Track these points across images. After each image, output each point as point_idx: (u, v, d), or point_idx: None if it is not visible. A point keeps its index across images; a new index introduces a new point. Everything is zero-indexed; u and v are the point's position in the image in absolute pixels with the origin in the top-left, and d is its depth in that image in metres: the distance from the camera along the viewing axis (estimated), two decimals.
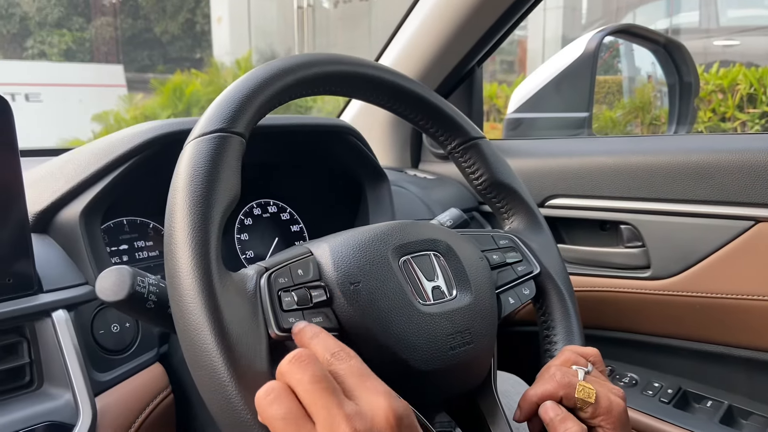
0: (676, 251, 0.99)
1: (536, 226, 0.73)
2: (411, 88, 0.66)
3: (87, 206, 0.69)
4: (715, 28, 7.10)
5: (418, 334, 0.52)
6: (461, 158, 0.71)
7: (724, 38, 6.60)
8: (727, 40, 6.46)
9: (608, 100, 3.53)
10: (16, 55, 11.69)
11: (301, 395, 0.40)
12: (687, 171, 0.97)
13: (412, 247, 0.57)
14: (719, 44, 6.58)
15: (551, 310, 0.69)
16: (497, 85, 6.93)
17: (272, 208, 0.99)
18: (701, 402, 1.01)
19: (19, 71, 9.58)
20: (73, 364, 0.60)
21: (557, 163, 1.13)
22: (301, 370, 0.41)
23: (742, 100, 4.10)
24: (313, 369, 0.41)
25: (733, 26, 6.91)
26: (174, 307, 0.46)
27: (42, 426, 0.58)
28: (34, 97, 8.41)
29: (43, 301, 0.62)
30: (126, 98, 8.50)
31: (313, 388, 0.40)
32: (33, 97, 8.40)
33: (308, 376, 0.40)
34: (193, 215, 0.46)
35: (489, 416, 0.59)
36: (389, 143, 1.40)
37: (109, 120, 7.03)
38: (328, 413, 0.39)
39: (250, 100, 0.53)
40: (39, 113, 8.11)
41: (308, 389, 0.40)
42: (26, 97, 8.27)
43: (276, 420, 0.39)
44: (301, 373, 0.41)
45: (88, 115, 7.32)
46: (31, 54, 11.61)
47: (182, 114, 6.67)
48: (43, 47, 11.66)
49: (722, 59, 4.74)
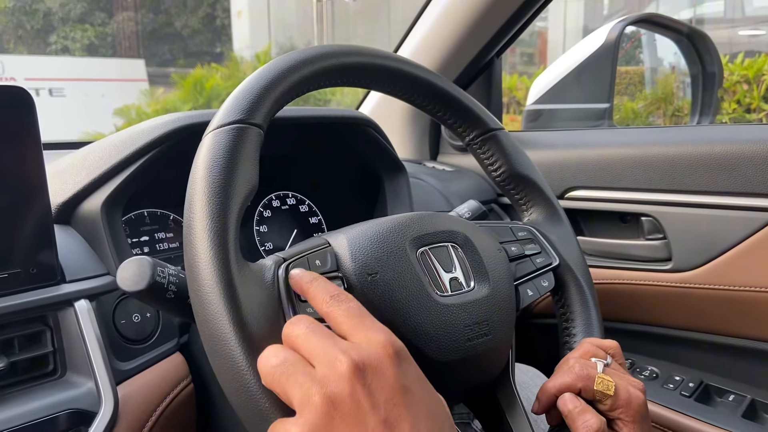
0: (698, 243, 0.97)
1: (555, 217, 0.72)
2: (429, 79, 0.66)
3: (108, 197, 0.70)
4: (740, 17, 6.97)
5: (435, 325, 0.52)
6: (480, 150, 0.71)
7: (750, 28, 6.48)
8: (753, 30, 6.34)
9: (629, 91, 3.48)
10: (40, 51, 11.87)
11: (298, 346, 0.42)
12: (710, 162, 0.95)
13: (430, 239, 0.57)
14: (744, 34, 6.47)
15: (570, 302, 0.68)
16: (517, 76, 6.89)
17: (291, 200, 1.00)
18: (723, 396, 1.00)
19: (43, 66, 9.73)
20: (95, 352, 0.61)
21: (577, 154, 1.12)
22: (296, 326, 0.42)
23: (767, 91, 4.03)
24: (306, 321, 0.43)
25: (759, 16, 6.78)
26: (193, 297, 0.46)
27: (65, 413, 0.58)
28: (57, 91, 8.53)
29: (66, 291, 0.63)
30: (147, 92, 8.60)
31: (308, 335, 0.41)
32: (56, 91, 8.53)
33: (303, 328, 0.42)
34: (212, 206, 0.47)
35: (507, 408, 0.59)
36: (407, 135, 1.40)
37: (131, 114, 7.12)
38: (324, 351, 0.40)
39: (268, 92, 0.53)
40: (62, 108, 8.23)
41: (304, 338, 0.41)
42: (50, 92, 8.40)
43: (275, 368, 0.40)
44: (296, 329, 0.42)
45: (110, 110, 7.42)
46: (54, 49, 11.78)
47: (203, 108, 6.74)
48: (66, 42, 11.82)
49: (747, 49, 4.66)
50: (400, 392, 0.39)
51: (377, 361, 0.40)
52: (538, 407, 0.58)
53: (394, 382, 0.40)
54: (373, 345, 0.41)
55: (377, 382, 0.39)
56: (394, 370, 0.40)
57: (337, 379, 0.38)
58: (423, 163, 1.33)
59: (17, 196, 0.59)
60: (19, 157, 0.59)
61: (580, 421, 0.53)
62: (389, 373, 0.40)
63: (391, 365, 0.40)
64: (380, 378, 0.39)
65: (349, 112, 0.93)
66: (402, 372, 0.41)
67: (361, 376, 0.39)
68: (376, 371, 0.39)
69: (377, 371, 0.39)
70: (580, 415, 0.53)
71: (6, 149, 0.58)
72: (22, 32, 11.82)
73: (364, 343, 0.41)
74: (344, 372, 0.38)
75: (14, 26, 11.65)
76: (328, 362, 0.39)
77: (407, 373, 0.41)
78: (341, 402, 0.38)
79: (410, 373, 0.42)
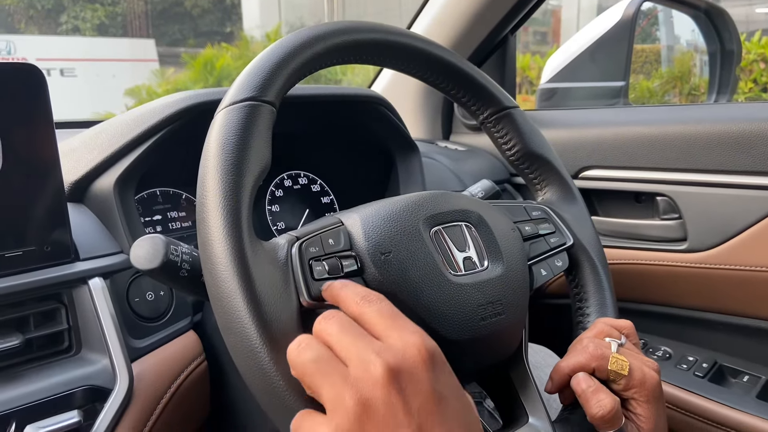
0: (714, 223, 0.96)
1: (570, 197, 0.72)
2: (443, 56, 0.65)
3: (121, 176, 0.70)
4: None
5: (449, 305, 0.52)
6: (494, 128, 0.70)
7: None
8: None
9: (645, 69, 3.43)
10: (51, 31, 11.86)
11: (331, 343, 0.41)
12: (727, 141, 0.94)
13: (444, 218, 0.56)
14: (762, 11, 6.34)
15: (584, 282, 0.68)
16: (530, 56, 6.80)
17: (303, 180, 0.99)
18: (737, 377, 0.99)
19: (54, 47, 9.73)
20: (109, 330, 0.61)
21: (592, 133, 1.11)
22: (329, 323, 0.42)
23: None
24: (340, 319, 0.42)
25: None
26: (206, 275, 0.46)
27: (80, 390, 0.59)
28: (68, 72, 8.54)
29: (80, 269, 0.63)
30: (158, 72, 8.59)
31: (341, 334, 0.41)
32: (68, 72, 8.53)
33: (336, 326, 0.41)
34: (225, 183, 0.46)
35: (520, 387, 0.59)
36: (420, 115, 1.39)
37: (142, 94, 7.12)
38: (357, 352, 0.39)
39: (280, 69, 0.52)
40: (74, 88, 8.25)
41: (337, 336, 0.41)
42: (61, 72, 8.41)
43: (308, 363, 0.40)
44: (329, 326, 0.41)
45: (121, 90, 7.42)
46: (65, 29, 11.76)
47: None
48: (76, 22, 11.80)
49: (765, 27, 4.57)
50: (434, 399, 0.39)
51: (412, 365, 0.39)
52: (551, 386, 0.58)
53: (429, 388, 0.39)
54: (408, 347, 0.40)
55: (411, 388, 0.38)
56: (429, 375, 0.39)
57: (371, 383, 0.38)
58: (435, 143, 1.32)
59: (30, 174, 0.59)
60: (31, 135, 0.59)
61: (593, 401, 0.53)
62: (424, 379, 0.39)
63: (426, 370, 0.39)
64: (415, 383, 0.38)
65: (362, 91, 0.92)
66: (436, 377, 0.40)
67: (395, 381, 0.38)
68: (411, 376, 0.38)
69: (412, 376, 0.38)
70: (594, 394, 0.53)
71: (19, 127, 0.58)
72: (33, 12, 11.82)
73: (399, 345, 0.40)
74: (378, 376, 0.38)
75: (25, 6, 11.63)
76: (361, 364, 0.38)
77: (441, 378, 0.40)
78: (374, 407, 0.37)
79: (444, 378, 0.41)
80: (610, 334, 0.58)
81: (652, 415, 0.54)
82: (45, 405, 0.57)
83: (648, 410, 0.54)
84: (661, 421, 0.55)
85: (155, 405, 0.65)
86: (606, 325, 0.60)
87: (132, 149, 0.71)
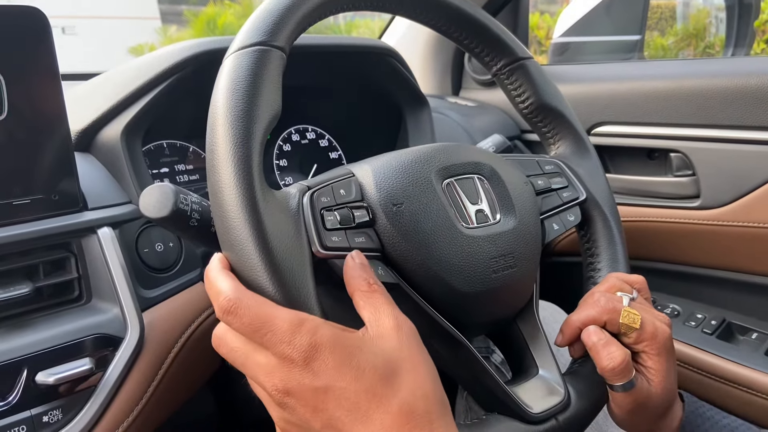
0: (728, 180, 0.95)
1: (583, 151, 0.70)
2: (457, 3, 0.63)
3: (128, 125, 0.69)
4: None
5: (460, 257, 0.52)
6: (507, 80, 0.68)
7: None
8: None
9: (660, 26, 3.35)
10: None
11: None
12: (745, 95, 0.92)
13: (456, 170, 0.56)
14: None
15: (596, 237, 0.67)
16: (539, 15, 6.66)
17: (311, 135, 0.98)
18: (746, 334, 0.99)
19: (54, 3, 9.57)
20: (119, 279, 0.61)
21: (606, 88, 1.08)
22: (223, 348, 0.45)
23: None
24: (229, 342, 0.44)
25: None
26: (217, 222, 0.45)
27: (91, 338, 0.59)
28: (69, 29, 8.42)
29: (88, 218, 0.63)
30: (160, 30, 8.47)
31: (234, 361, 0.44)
32: (69, 29, 8.41)
33: (224, 351, 0.44)
34: (235, 130, 0.45)
35: (530, 340, 0.59)
36: (429, 70, 1.37)
37: (144, 53, 7.04)
38: (254, 378, 0.43)
39: (291, 12, 0.50)
40: (75, 46, 8.15)
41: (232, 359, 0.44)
42: (63, 30, 8.29)
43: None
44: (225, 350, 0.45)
45: (123, 48, 7.33)
46: None
47: None
48: None
49: None
50: (328, 408, 0.40)
51: (296, 384, 0.41)
52: (561, 340, 0.58)
53: (315, 401, 0.40)
54: (284, 363, 0.41)
55: (301, 408, 0.41)
56: (310, 381, 0.40)
57: (273, 409, 0.43)
58: (445, 98, 1.30)
59: (36, 121, 0.58)
60: (36, 81, 0.57)
61: (604, 353, 0.53)
62: (307, 390, 0.40)
63: (304, 379, 0.41)
64: (302, 400, 0.41)
65: (371, 41, 0.90)
66: (319, 373, 0.40)
67: (286, 406, 0.41)
68: (298, 397, 0.41)
69: (299, 397, 0.41)
70: (605, 347, 0.53)
71: (23, 72, 0.56)
72: None
73: (275, 363, 0.41)
74: (276, 404, 0.42)
75: None
76: (260, 391, 0.43)
77: (327, 367, 0.40)
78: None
79: (332, 361, 0.40)
80: (622, 289, 0.58)
81: (662, 368, 0.54)
82: (56, 352, 0.57)
83: (659, 363, 0.54)
84: (671, 374, 0.55)
85: (166, 354, 0.65)
86: (618, 279, 0.59)
87: (138, 98, 0.70)
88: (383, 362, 0.41)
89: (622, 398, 0.54)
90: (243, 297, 0.42)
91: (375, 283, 0.45)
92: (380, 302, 0.44)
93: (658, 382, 0.54)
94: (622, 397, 0.54)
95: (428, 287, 0.51)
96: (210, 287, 0.44)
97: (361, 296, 0.44)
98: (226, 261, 0.45)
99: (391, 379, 0.40)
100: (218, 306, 0.43)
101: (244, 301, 0.41)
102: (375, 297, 0.44)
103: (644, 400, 0.54)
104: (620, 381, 0.53)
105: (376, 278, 0.46)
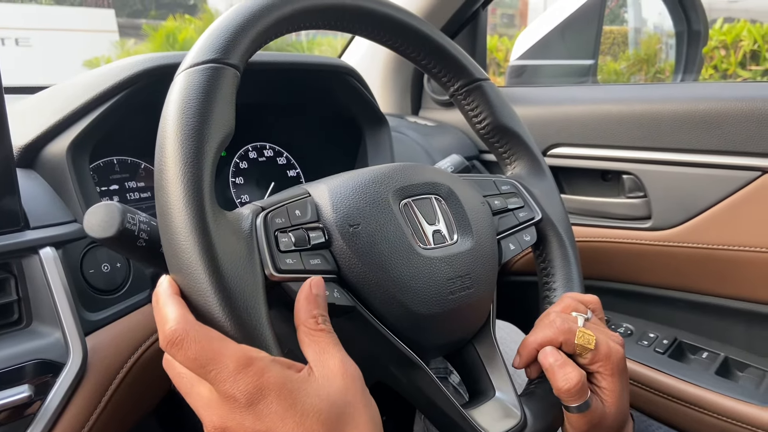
0: (679, 202, 0.97)
1: (539, 172, 0.71)
2: (415, 25, 0.63)
3: (74, 140, 0.66)
4: None
5: (418, 278, 0.51)
6: (464, 101, 0.69)
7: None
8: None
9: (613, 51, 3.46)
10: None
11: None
12: (694, 120, 0.94)
13: (414, 190, 0.55)
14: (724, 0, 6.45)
15: (552, 257, 0.68)
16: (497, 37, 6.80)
17: (268, 152, 0.97)
18: (697, 353, 1.01)
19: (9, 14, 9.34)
20: (62, 302, 0.59)
21: (560, 111, 1.11)
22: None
23: (744, 56, 4.04)
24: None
25: None
26: (165, 245, 0.44)
27: (31, 363, 0.56)
28: (23, 41, 8.22)
29: (29, 237, 0.60)
30: (118, 44, 8.35)
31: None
32: (23, 41, 8.21)
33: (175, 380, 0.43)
34: (185, 149, 0.44)
35: (487, 361, 0.58)
36: (389, 89, 1.37)
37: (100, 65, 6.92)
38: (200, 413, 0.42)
39: (244, 30, 0.49)
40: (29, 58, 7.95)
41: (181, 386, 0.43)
42: (16, 41, 8.09)
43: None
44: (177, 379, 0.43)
45: (79, 61, 7.18)
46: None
47: None
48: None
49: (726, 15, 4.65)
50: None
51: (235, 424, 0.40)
52: (519, 361, 0.58)
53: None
54: (227, 401, 0.41)
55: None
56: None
57: None
58: (405, 118, 1.31)
59: None
60: None
61: (560, 374, 0.53)
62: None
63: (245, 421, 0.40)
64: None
65: (331, 60, 0.90)
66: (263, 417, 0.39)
67: None
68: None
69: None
70: (561, 368, 0.53)
71: None
72: None
73: (217, 400, 0.41)
74: None
75: None
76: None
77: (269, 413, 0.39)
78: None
79: (273, 409, 0.39)
80: (577, 309, 0.58)
81: (616, 388, 0.55)
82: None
83: (612, 383, 0.55)
84: (624, 394, 0.56)
85: (111, 380, 0.62)
86: (573, 299, 0.60)
87: (87, 113, 0.67)
88: (328, 406, 0.40)
89: (577, 419, 0.54)
90: (190, 330, 0.40)
91: (323, 323, 0.44)
92: (325, 342, 0.43)
93: (612, 402, 0.55)
94: (577, 418, 0.54)
95: (385, 309, 0.50)
96: (157, 313, 0.42)
97: (306, 333, 0.43)
98: (176, 284, 0.43)
99: (334, 424, 0.39)
100: (163, 336, 0.41)
101: (191, 334, 0.40)
102: (320, 336, 0.43)
103: (598, 421, 0.54)
104: (576, 402, 0.53)
105: (327, 316, 0.45)
